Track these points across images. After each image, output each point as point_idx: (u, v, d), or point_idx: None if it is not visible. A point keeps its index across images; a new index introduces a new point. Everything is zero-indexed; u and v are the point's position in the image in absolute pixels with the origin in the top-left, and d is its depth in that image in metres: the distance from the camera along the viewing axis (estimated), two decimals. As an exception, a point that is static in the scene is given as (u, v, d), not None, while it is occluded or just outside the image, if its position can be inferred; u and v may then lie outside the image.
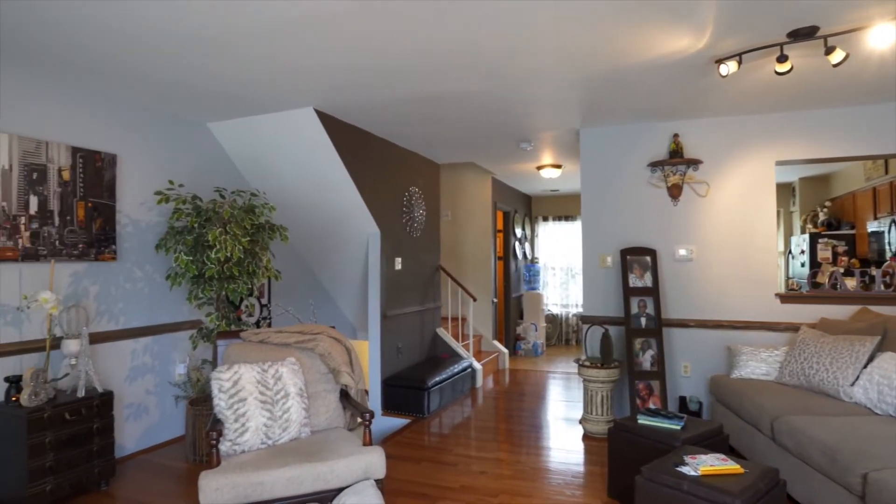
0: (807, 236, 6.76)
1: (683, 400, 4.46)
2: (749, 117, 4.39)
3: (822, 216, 7.02)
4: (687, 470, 2.42)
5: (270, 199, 4.96)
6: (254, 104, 4.03)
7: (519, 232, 8.76)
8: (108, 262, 3.78)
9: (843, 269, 5.92)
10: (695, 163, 4.48)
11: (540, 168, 6.68)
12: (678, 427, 3.05)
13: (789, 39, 2.82)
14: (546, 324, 9.10)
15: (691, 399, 4.44)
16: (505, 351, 7.29)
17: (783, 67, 2.91)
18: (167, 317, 4.23)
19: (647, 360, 4.38)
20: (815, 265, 6.50)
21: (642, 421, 3.17)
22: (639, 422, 3.16)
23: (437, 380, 5.16)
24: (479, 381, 6.20)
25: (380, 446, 2.68)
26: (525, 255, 9.12)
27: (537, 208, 9.66)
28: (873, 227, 5.92)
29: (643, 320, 4.44)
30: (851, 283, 4.53)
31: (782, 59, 2.88)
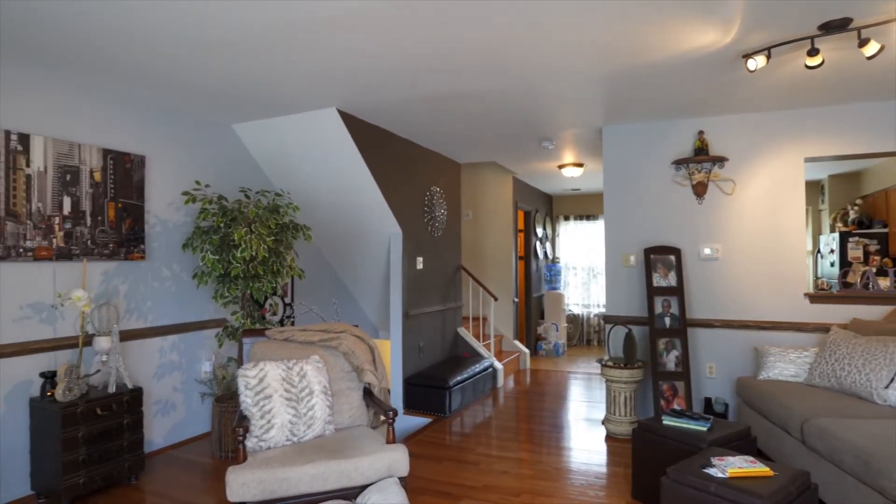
0: (836, 235, 6.59)
1: (709, 401, 4.39)
2: (777, 113, 4.30)
3: (852, 214, 6.84)
4: (714, 471, 2.38)
5: (294, 199, 5.02)
6: (277, 105, 4.08)
7: (540, 231, 8.71)
8: (137, 261, 3.87)
9: (876, 269, 5.75)
10: (720, 160, 4.41)
11: (561, 167, 6.64)
12: (704, 428, 3.00)
13: (821, 32, 2.76)
14: (567, 324, 9.03)
15: (717, 400, 4.37)
16: (526, 351, 7.26)
17: (814, 61, 2.84)
18: (193, 315, 4.31)
19: (671, 360, 4.32)
20: (846, 264, 6.33)
21: (667, 422, 3.12)
22: (664, 423, 3.12)
23: (458, 379, 5.16)
24: (500, 380, 6.18)
25: (403, 444, 2.69)
26: (546, 254, 9.06)
27: (558, 208, 9.60)
28: (907, 225, 5.75)
29: (667, 320, 4.38)
30: (885, 282, 4.41)
31: (813, 52, 2.81)
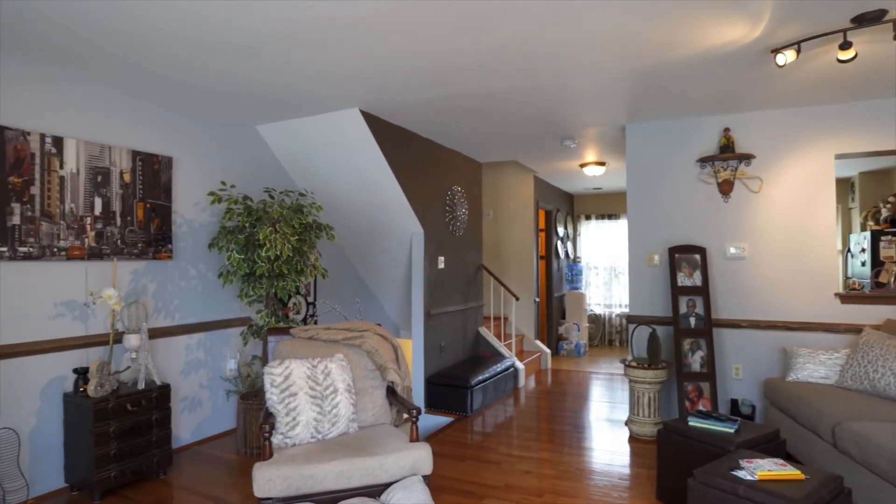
0: (868, 234, 6.42)
1: (735, 403, 4.31)
2: (806, 109, 4.20)
3: (884, 212, 6.64)
4: (743, 474, 2.34)
5: (317, 199, 5.07)
6: (301, 106, 4.12)
7: (561, 231, 8.66)
8: (165, 260, 3.95)
9: (910, 269, 5.58)
10: (747, 158, 4.32)
11: (583, 166, 6.58)
12: (732, 430, 2.95)
13: (853, 25, 2.69)
14: (589, 324, 8.96)
15: (744, 402, 4.29)
16: (547, 351, 7.22)
17: (846, 55, 2.77)
18: (219, 314, 4.38)
19: (696, 361, 4.25)
20: (877, 264, 6.16)
21: (693, 423, 3.08)
22: (689, 424, 3.08)
23: (479, 378, 5.15)
24: (522, 380, 6.16)
25: (426, 443, 2.70)
26: (567, 254, 9.00)
27: (580, 207, 9.53)
28: (943, 223, 5.57)
29: (692, 320, 4.31)
30: (919, 282, 4.28)
31: (845, 45, 2.74)
